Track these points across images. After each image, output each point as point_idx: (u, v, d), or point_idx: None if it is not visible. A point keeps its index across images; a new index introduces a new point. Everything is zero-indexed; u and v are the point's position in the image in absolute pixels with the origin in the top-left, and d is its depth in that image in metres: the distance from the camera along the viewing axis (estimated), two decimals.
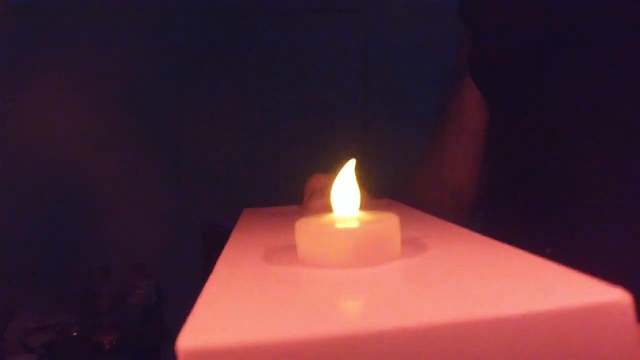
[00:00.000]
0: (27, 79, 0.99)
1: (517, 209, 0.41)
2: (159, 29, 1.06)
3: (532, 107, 0.40)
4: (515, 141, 0.41)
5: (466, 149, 0.48)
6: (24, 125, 1.00)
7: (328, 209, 0.26)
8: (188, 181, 1.07)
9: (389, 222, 0.22)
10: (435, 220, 0.31)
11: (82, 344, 0.96)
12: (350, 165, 0.26)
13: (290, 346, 0.14)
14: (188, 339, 0.14)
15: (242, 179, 1.09)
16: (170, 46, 1.07)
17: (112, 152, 1.03)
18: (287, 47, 1.10)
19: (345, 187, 0.25)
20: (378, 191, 0.43)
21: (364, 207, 0.25)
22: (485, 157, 0.47)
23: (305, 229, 0.22)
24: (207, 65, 1.09)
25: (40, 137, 0.99)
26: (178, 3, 1.07)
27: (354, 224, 0.22)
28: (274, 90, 1.11)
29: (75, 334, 0.95)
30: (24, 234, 0.98)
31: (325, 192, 0.35)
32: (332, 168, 0.27)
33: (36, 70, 1.00)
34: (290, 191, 0.41)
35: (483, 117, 0.46)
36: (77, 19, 1.02)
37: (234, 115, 1.10)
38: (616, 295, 0.15)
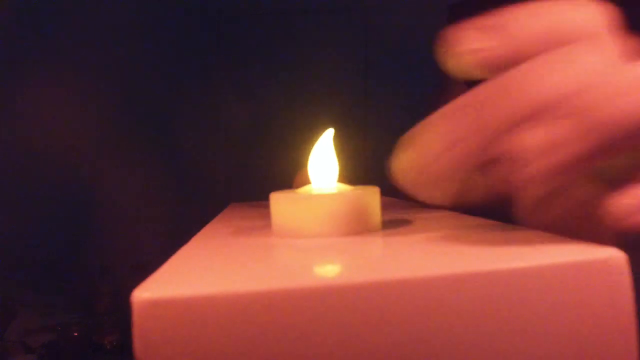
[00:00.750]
0: (27, 78, 1.00)
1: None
2: (156, 29, 1.07)
3: None
4: None
5: None
6: (23, 124, 1.00)
7: None
8: (188, 181, 1.07)
9: (369, 190, 0.22)
10: (422, 206, 0.31)
11: (83, 344, 0.95)
12: (328, 135, 0.25)
13: (253, 297, 0.14)
14: (143, 290, 0.14)
15: (243, 180, 1.09)
16: (169, 46, 1.07)
17: (112, 152, 1.04)
18: (286, 47, 1.10)
19: (323, 157, 0.24)
20: None
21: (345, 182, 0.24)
22: None
23: (279, 198, 0.22)
24: (207, 66, 1.09)
25: (40, 137, 0.99)
26: (176, 4, 1.08)
27: (331, 191, 0.22)
28: (273, 90, 1.11)
29: (75, 334, 0.95)
30: (23, 233, 0.99)
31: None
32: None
33: (35, 70, 1.00)
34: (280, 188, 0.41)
35: None
36: (75, 19, 1.02)
37: (233, 116, 1.10)
38: (610, 253, 0.15)
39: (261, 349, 0.13)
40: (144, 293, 0.14)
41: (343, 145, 0.27)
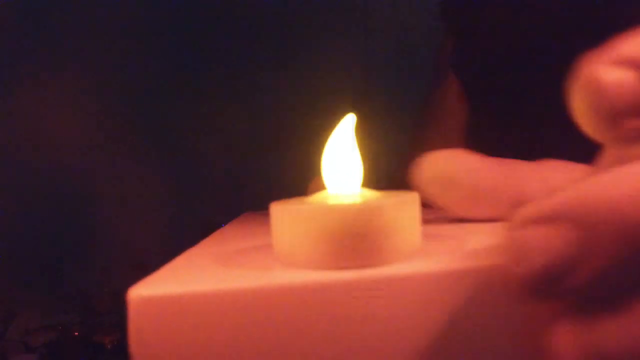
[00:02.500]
0: (27, 79, 1.00)
1: None
2: (156, 31, 1.07)
3: (517, 106, 0.39)
4: (497, 142, 0.41)
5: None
6: (23, 124, 1.00)
7: None
8: (189, 181, 1.07)
9: (405, 198, 0.16)
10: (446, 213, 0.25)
11: (83, 344, 0.96)
12: (348, 122, 0.18)
13: (247, 293, 0.14)
14: (139, 288, 0.14)
15: (243, 180, 1.09)
16: (169, 47, 1.08)
17: (112, 152, 1.04)
18: (286, 47, 1.11)
19: (342, 152, 0.18)
20: None
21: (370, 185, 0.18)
22: None
23: (282, 211, 0.16)
24: (209, 66, 1.09)
25: (40, 137, 0.99)
26: (175, 5, 1.08)
27: (353, 200, 0.16)
28: (274, 91, 1.11)
29: (75, 334, 0.95)
30: (23, 233, 0.99)
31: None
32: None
33: (35, 69, 1.00)
34: (293, 193, 0.41)
35: (465, 120, 0.45)
36: (74, 19, 1.03)
37: (235, 117, 1.10)
38: None
39: (254, 345, 0.13)
40: (140, 290, 0.14)
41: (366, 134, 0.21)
